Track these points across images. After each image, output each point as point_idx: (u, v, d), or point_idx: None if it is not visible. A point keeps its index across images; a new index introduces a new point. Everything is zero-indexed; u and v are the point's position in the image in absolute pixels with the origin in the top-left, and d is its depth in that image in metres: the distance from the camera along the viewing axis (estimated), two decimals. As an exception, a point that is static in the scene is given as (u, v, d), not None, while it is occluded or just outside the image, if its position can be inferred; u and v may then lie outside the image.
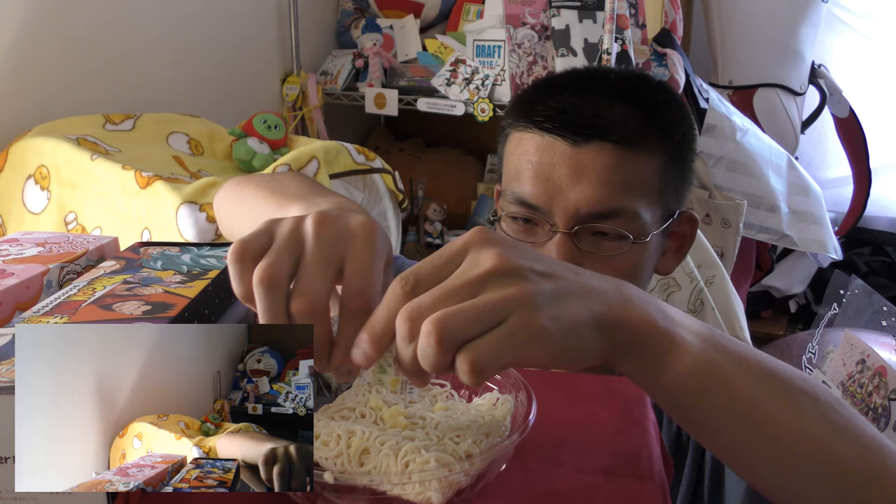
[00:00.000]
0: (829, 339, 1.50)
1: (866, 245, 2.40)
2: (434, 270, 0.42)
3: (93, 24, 1.43)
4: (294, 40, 1.99)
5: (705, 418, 0.47)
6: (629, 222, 0.76)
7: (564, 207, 0.75)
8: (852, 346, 1.34)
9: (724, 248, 1.79)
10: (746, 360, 0.47)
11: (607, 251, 0.76)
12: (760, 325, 2.26)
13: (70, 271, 0.65)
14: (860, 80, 2.32)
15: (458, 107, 1.85)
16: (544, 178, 0.76)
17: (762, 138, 1.89)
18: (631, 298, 0.45)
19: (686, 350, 0.45)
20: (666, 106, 0.80)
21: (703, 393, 0.46)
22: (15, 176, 1.25)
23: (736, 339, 0.48)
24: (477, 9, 1.97)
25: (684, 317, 0.48)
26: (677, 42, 1.77)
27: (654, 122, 0.78)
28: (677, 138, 0.80)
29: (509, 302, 0.40)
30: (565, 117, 0.76)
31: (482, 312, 0.40)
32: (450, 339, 0.39)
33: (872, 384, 1.27)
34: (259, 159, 1.44)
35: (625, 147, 0.75)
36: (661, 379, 0.46)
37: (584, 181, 0.75)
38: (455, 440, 0.47)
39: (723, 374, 0.45)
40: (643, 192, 0.77)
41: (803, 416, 0.46)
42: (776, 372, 0.47)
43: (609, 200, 0.75)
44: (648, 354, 0.45)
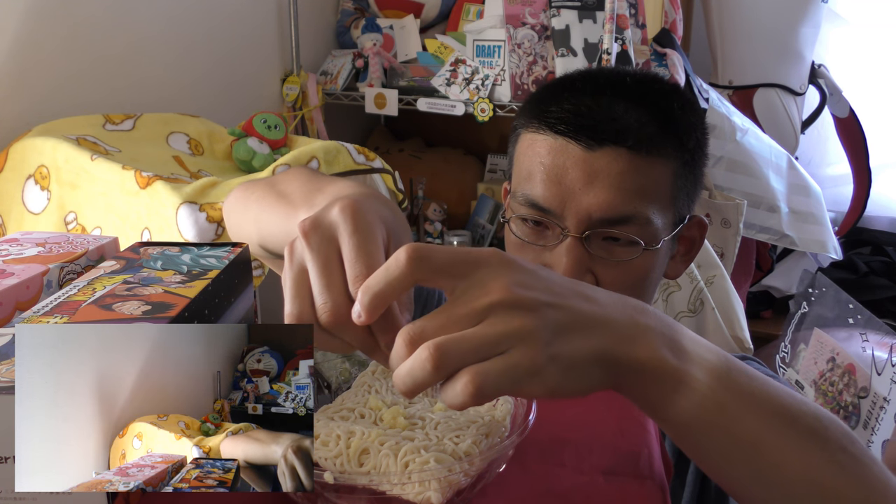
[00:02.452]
0: (800, 338, 1.50)
1: (866, 245, 2.40)
2: (445, 259, 0.42)
3: (93, 24, 1.43)
4: (294, 40, 1.99)
5: (708, 454, 0.47)
6: (641, 228, 0.75)
7: (576, 211, 0.74)
8: (822, 344, 1.34)
9: (724, 248, 1.79)
10: (757, 398, 0.46)
11: (618, 257, 0.75)
12: (760, 325, 2.26)
13: (70, 271, 0.65)
14: (860, 79, 2.32)
15: (458, 107, 1.85)
16: (557, 182, 0.75)
17: (762, 138, 1.89)
18: (643, 331, 0.45)
19: (694, 389, 0.45)
20: (681, 112, 0.79)
21: (706, 431, 0.46)
22: (15, 176, 1.25)
23: (755, 371, 0.48)
24: (477, 9, 1.97)
25: (702, 348, 0.47)
26: (677, 42, 1.77)
27: (669, 128, 0.77)
28: (692, 144, 0.79)
29: (512, 336, 0.40)
30: (580, 120, 0.75)
31: (483, 343, 0.40)
32: (447, 365, 0.39)
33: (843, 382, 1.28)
34: (259, 159, 1.44)
35: (639, 153, 0.74)
36: (665, 415, 0.46)
37: (598, 186, 0.74)
38: (455, 440, 0.47)
39: (729, 416, 0.45)
40: (656, 199, 0.76)
41: (808, 458, 0.46)
42: (787, 411, 0.47)
43: (622, 206, 0.74)
44: (653, 392, 0.45)
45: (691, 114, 0.81)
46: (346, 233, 0.44)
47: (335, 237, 0.45)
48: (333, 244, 0.45)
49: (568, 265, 0.74)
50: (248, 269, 0.65)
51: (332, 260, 0.44)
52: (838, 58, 2.30)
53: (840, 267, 2.23)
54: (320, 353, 0.60)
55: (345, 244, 0.44)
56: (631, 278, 0.76)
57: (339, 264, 0.44)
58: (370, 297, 0.41)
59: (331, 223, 0.45)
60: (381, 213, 0.47)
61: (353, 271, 0.43)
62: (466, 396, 0.39)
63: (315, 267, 0.44)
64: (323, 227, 0.45)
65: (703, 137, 0.82)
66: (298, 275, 0.45)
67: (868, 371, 1.25)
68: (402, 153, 2.30)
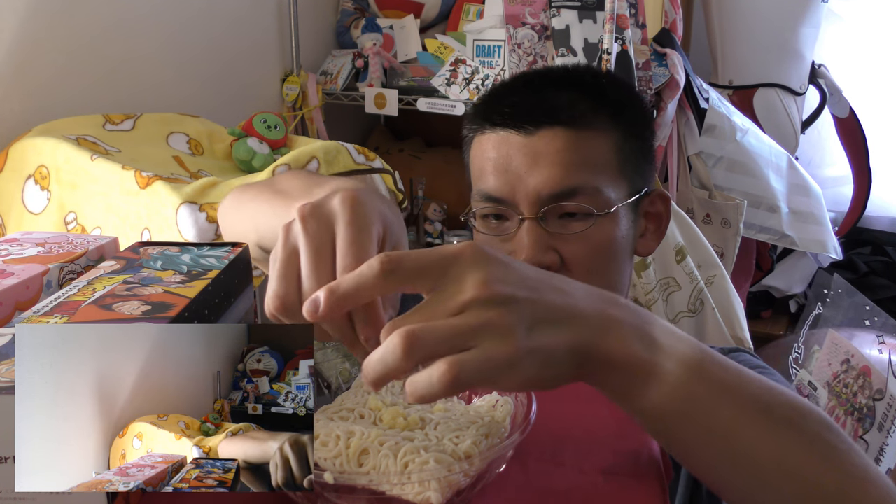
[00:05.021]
0: (814, 339, 1.50)
1: (866, 245, 2.40)
2: (418, 264, 0.42)
3: (93, 24, 1.43)
4: (294, 40, 1.99)
5: (680, 444, 0.47)
6: (592, 198, 0.79)
7: (526, 194, 0.79)
8: (837, 345, 1.34)
9: (724, 248, 1.79)
10: (731, 388, 0.46)
11: (575, 230, 0.79)
12: (760, 325, 2.26)
13: (70, 271, 0.65)
14: (860, 79, 2.32)
15: (458, 107, 1.85)
16: (504, 170, 0.80)
17: (762, 138, 1.89)
18: (614, 323, 0.45)
19: (663, 381, 0.45)
20: (612, 88, 0.84)
21: (678, 421, 0.46)
22: (15, 176, 1.25)
23: (730, 362, 0.48)
24: (477, 9, 1.97)
25: (675, 339, 0.47)
26: (677, 42, 1.77)
27: (601, 101, 0.81)
28: (628, 116, 0.83)
29: (487, 329, 0.40)
30: (516, 110, 0.81)
31: (456, 333, 0.40)
32: (418, 351, 0.39)
33: (857, 384, 1.28)
34: (259, 159, 1.44)
35: (576, 128, 0.79)
36: (635, 405, 0.46)
37: (541, 165, 0.78)
38: (454, 441, 0.47)
39: (700, 406, 0.45)
40: (602, 170, 0.80)
41: (783, 445, 0.45)
42: (761, 400, 0.46)
43: (567, 179, 0.78)
44: (622, 383, 0.45)
45: (624, 90, 0.87)
46: (343, 222, 0.45)
47: (332, 225, 0.45)
48: (329, 231, 0.45)
49: (529, 245, 0.78)
50: (248, 269, 0.65)
51: (325, 246, 0.45)
52: (838, 58, 2.30)
53: (840, 267, 2.23)
54: (320, 353, 0.60)
55: (340, 233, 0.45)
56: (593, 250, 0.80)
57: (331, 252, 0.45)
58: (334, 297, 0.41)
59: (330, 211, 0.46)
60: (380, 210, 0.47)
61: (342, 261, 0.44)
62: (442, 385, 0.39)
63: (307, 251, 0.45)
64: (322, 213, 0.46)
65: (641, 112, 0.86)
66: (290, 256, 0.46)
67: (884, 373, 1.25)
68: (402, 153, 2.30)
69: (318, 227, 0.45)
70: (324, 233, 0.45)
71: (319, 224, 0.45)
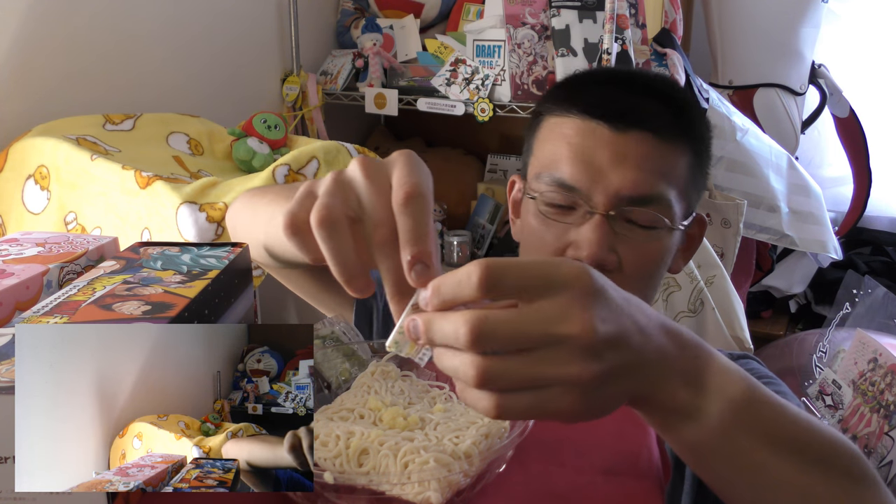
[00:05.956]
0: (839, 339, 1.50)
1: (866, 245, 2.39)
2: (521, 283, 0.41)
3: (92, 24, 1.43)
4: (294, 40, 1.99)
5: (709, 472, 0.49)
6: (664, 210, 0.78)
7: (605, 189, 0.77)
8: (864, 344, 1.34)
9: (724, 248, 1.79)
10: (770, 430, 0.48)
11: (641, 237, 0.78)
12: (760, 325, 2.26)
13: (70, 271, 0.65)
14: (860, 79, 2.32)
15: (458, 107, 1.85)
16: (585, 161, 0.78)
17: (762, 138, 1.88)
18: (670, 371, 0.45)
19: (703, 423, 0.46)
20: (687, 104, 0.84)
21: (710, 455, 0.47)
22: (15, 176, 1.25)
23: (775, 399, 0.49)
24: (477, 9, 1.96)
25: (726, 379, 0.47)
26: (677, 42, 1.77)
27: (682, 116, 0.81)
28: (698, 134, 0.83)
29: (561, 380, 0.40)
30: (609, 105, 0.79)
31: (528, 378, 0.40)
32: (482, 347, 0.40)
33: (885, 382, 1.28)
34: (259, 159, 1.44)
35: (662, 137, 0.79)
36: (670, 437, 0.48)
37: (626, 166, 0.77)
38: (454, 441, 0.47)
39: (736, 446, 0.47)
40: (675, 184, 0.80)
41: (808, 482, 0.47)
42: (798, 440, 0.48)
43: (648, 186, 0.77)
44: (663, 421, 0.47)
45: (696, 108, 0.87)
46: (404, 165, 0.45)
47: (387, 166, 0.45)
48: (388, 175, 0.45)
49: (595, 241, 0.77)
50: (248, 270, 0.65)
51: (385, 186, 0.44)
52: (838, 58, 2.30)
53: (840, 267, 2.23)
54: (320, 353, 0.60)
55: (398, 171, 0.44)
56: (650, 260, 0.80)
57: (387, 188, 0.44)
58: (439, 300, 0.42)
59: (389, 160, 0.46)
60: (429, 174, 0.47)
61: (399, 181, 0.44)
62: (482, 412, 0.41)
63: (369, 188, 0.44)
64: (381, 162, 0.46)
65: (706, 132, 0.86)
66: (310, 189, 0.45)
67: (912, 371, 1.25)
68: (402, 153, 2.30)
69: (379, 169, 0.45)
70: (384, 175, 0.45)
71: (379, 167, 0.45)
